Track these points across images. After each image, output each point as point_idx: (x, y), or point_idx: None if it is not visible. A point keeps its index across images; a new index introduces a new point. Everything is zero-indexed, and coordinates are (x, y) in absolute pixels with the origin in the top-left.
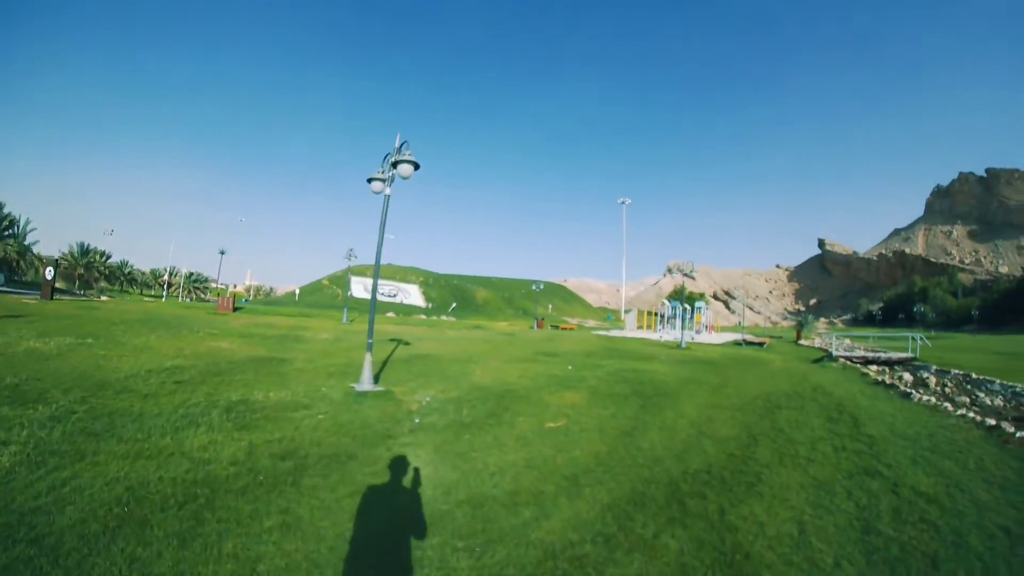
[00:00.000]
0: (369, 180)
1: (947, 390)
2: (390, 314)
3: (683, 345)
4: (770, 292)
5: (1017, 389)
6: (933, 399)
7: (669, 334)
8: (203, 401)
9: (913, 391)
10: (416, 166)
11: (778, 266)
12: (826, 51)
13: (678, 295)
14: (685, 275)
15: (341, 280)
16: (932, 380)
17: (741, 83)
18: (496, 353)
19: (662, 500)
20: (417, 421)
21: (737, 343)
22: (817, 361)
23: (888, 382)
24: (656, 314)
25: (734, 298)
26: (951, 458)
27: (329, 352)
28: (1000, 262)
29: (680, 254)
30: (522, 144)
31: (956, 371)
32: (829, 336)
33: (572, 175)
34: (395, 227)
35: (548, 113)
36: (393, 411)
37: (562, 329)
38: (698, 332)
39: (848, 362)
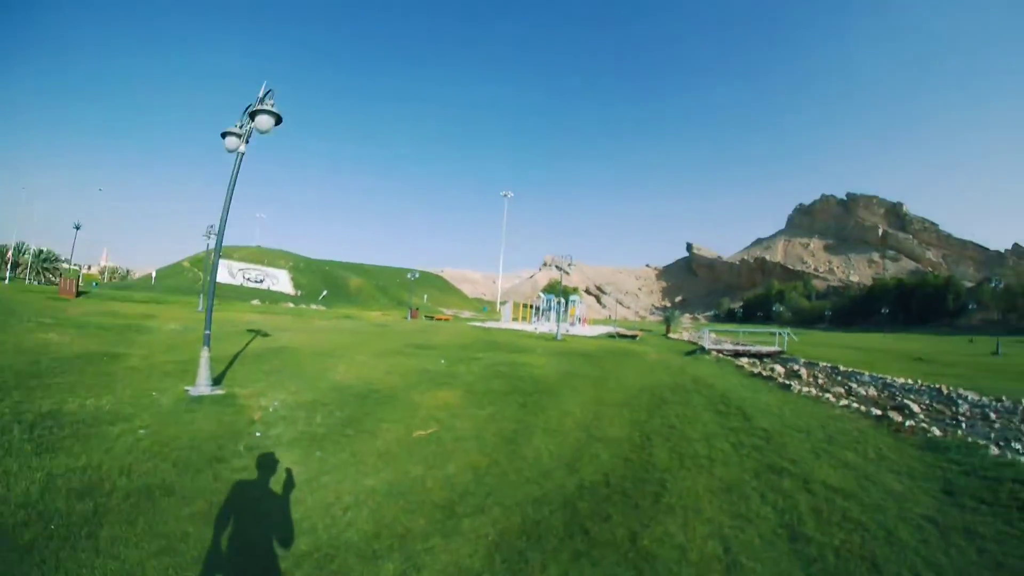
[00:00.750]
0: (223, 135)
1: (820, 381)
2: (255, 301)
3: (559, 337)
4: (639, 289)
5: (888, 380)
6: (812, 390)
7: (544, 326)
8: (7, 413)
9: (791, 383)
10: (278, 120)
11: (648, 265)
12: (710, 66)
13: (553, 288)
14: (560, 269)
15: (203, 262)
16: (804, 372)
17: (621, 89)
18: (364, 346)
19: (560, 528)
20: (258, 435)
21: (610, 335)
22: (690, 354)
23: (764, 374)
24: (531, 306)
25: (606, 293)
26: (850, 449)
27: (173, 346)
28: (852, 273)
29: (555, 249)
30: (405, 131)
31: (824, 363)
32: (700, 331)
33: (455, 165)
34: (266, 206)
35: (436, 99)
36: (231, 421)
37: (437, 320)
38: (572, 324)
39: (720, 355)
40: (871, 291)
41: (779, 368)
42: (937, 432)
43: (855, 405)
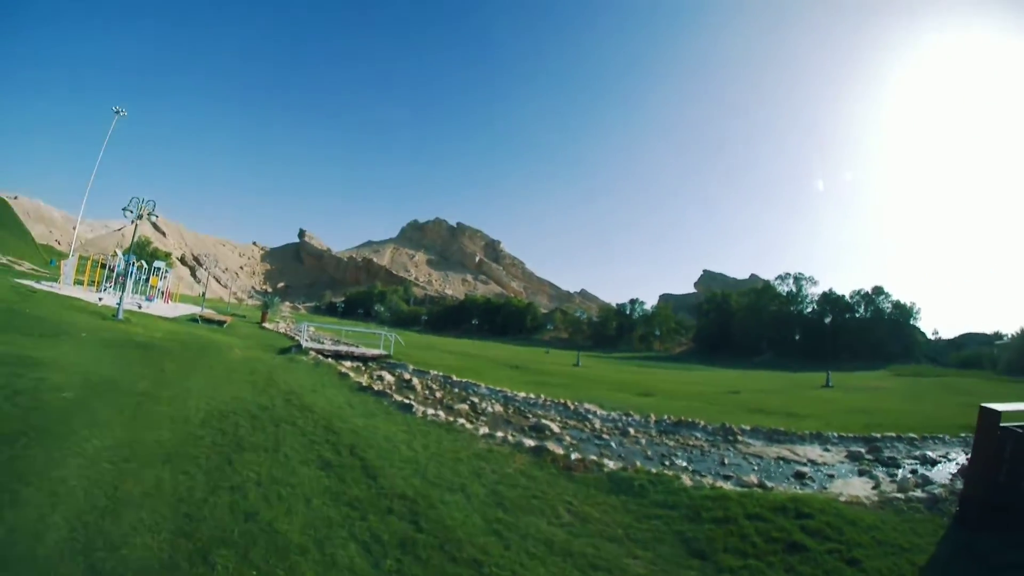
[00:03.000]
0: None
1: (438, 395)
2: None
3: (119, 316)
4: (241, 268)
5: (507, 393)
6: (440, 413)
7: (113, 297)
8: None
9: (411, 402)
10: None
11: (255, 243)
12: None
13: (143, 249)
14: (156, 227)
15: None
16: (417, 383)
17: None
18: None
19: None
20: None
21: (193, 318)
22: (284, 352)
23: (376, 388)
24: (105, 267)
25: (203, 266)
26: (538, 514)
27: None
28: (447, 287)
29: (160, 201)
30: None
31: (436, 372)
32: (300, 324)
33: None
34: None
35: None
36: None
37: None
38: (150, 299)
39: (320, 356)
40: (463, 304)
41: (388, 376)
42: (610, 464)
43: (499, 434)
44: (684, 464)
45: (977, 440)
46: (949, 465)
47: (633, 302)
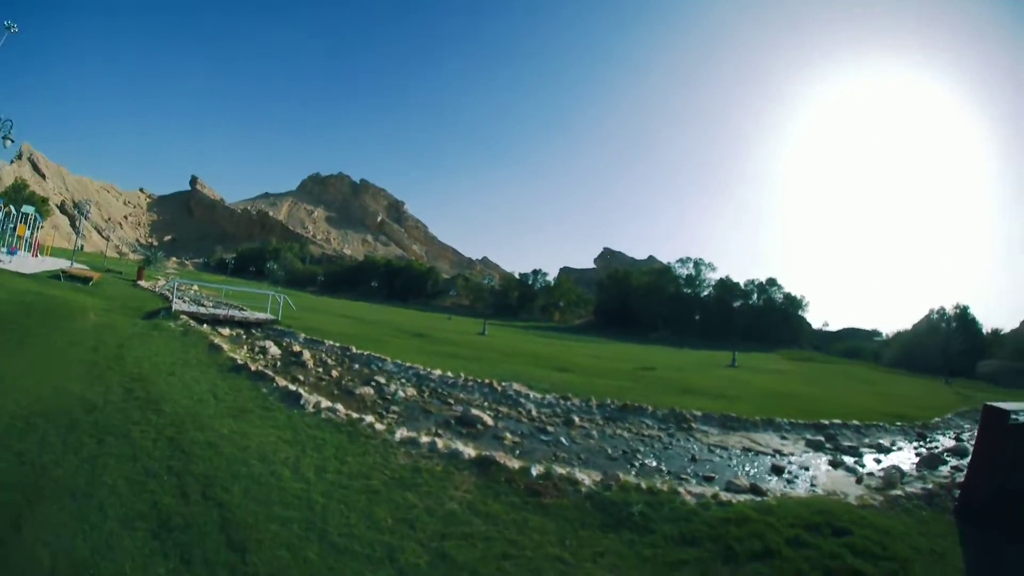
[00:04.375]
0: None
1: (335, 374)
2: None
3: None
4: (125, 217)
5: (418, 370)
6: (340, 408)
7: None
8: None
9: (298, 388)
10: None
11: (142, 190)
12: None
13: (18, 193)
14: (35, 167)
15: None
16: (308, 357)
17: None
18: None
19: None
20: None
21: (56, 275)
22: (152, 316)
23: (254, 368)
24: None
25: (84, 216)
26: None
27: None
28: (346, 246)
29: (40, 139)
30: None
31: (331, 342)
32: (175, 281)
33: None
34: None
35: None
36: None
37: None
38: (13, 251)
39: (192, 320)
40: (362, 265)
41: (273, 348)
42: (583, 479)
43: (424, 439)
44: (654, 463)
45: (982, 437)
46: (904, 454)
47: (536, 273)
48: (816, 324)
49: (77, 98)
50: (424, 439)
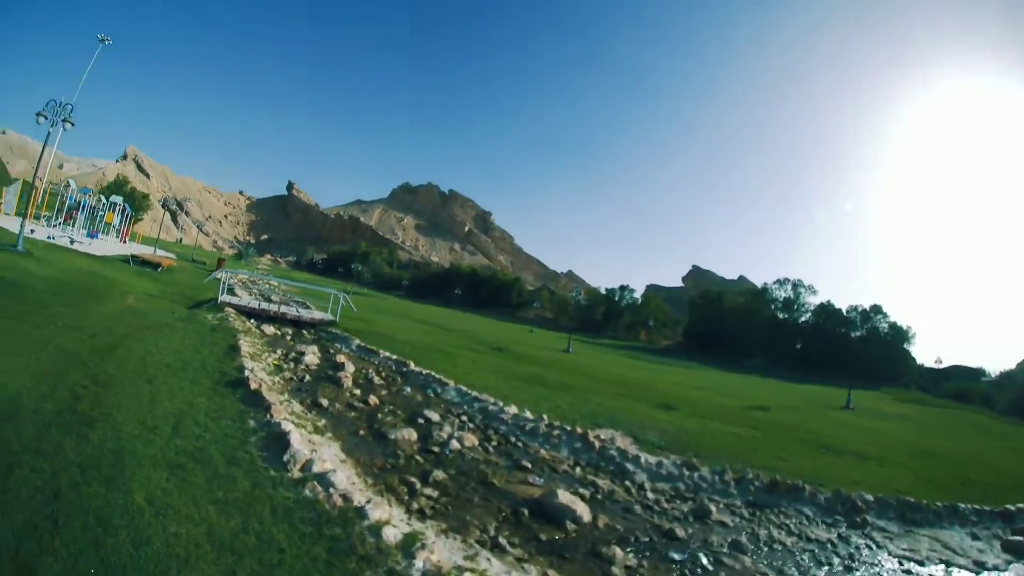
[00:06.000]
0: None
1: (372, 400)
2: None
3: (19, 247)
4: (226, 216)
5: (488, 404)
6: (341, 483)
7: (50, 231)
8: None
9: (296, 435)
10: None
11: (242, 192)
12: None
13: (120, 188)
14: (140, 167)
15: None
16: (347, 373)
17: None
18: None
19: None
20: None
21: (126, 258)
22: (197, 306)
23: (254, 387)
24: (54, 195)
25: (185, 212)
26: None
27: None
28: (434, 254)
29: (145, 144)
30: None
31: (386, 354)
32: (227, 272)
33: None
34: None
35: None
36: None
37: None
38: (93, 235)
39: (236, 313)
40: (448, 272)
41: (311, 357)
42: None
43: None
44: None
45: None
46: None
47: (623, 288)
48: (920, 359)
49: (187, 109)
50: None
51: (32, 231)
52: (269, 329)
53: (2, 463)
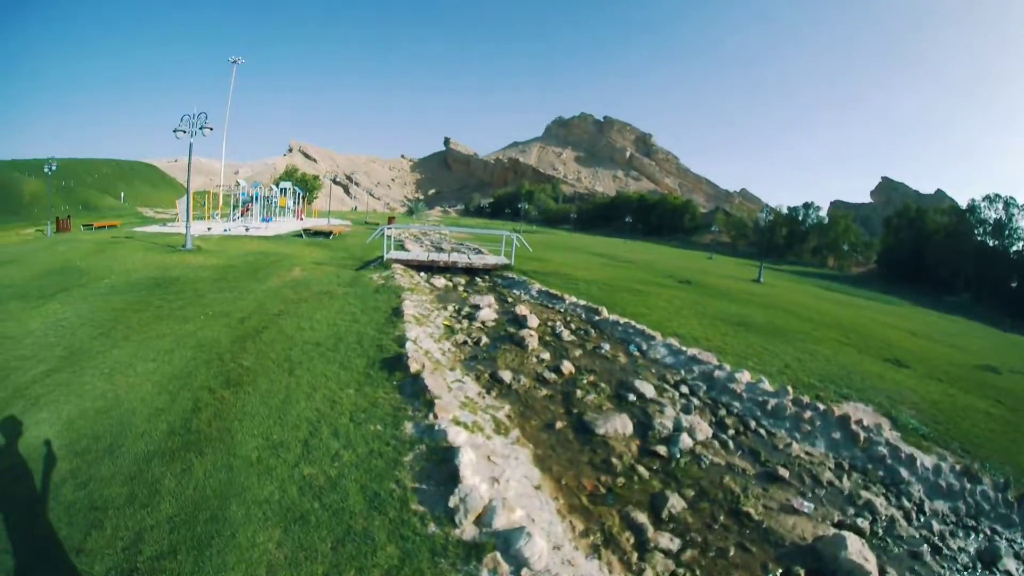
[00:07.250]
0: None
1: (567, 367)
2: None
3: (188, 245)
4: (392, 180)
5: (710, 367)
6: (541, 545)
7: (227, 224)
8: None
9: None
10: None
11: (403, 156)
12: None
13: (291, 176)
14: (305, 154)
15: None
16: (531, 329)
17: None
18: None
19: None
20: None
21: (298, 234)
22: (365, 266)
23: (414, 370)
24: (224, 196)
25: (356, 183)
26: None
27: None
28: (597, 184)
29: (305, 135)
30: None
31: (572, 299)
32: (390, 227)
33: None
34: None
35: None
36: None
37: (96, 228)
38: (267, 219)
39: (403, 270)
40: (615, 201)
41: (487, 311)
42: None
43: None
44: None
45: None
46: None
47: (807, 207)
48: None
49: (338, 93)
50: None
51: (209, 228)
52: (440, 281)
53: (82, 523)
